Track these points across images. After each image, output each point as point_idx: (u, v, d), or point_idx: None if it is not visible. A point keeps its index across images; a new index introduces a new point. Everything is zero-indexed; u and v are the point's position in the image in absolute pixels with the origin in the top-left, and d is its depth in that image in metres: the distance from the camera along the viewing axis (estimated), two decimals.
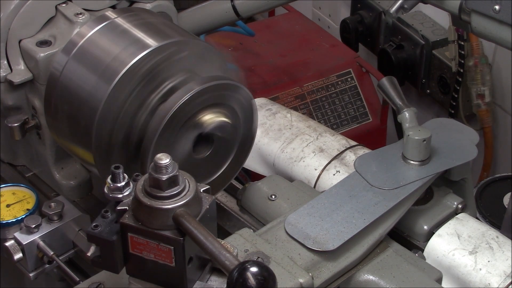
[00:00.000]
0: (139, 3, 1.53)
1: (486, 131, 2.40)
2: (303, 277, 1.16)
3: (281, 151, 1.54)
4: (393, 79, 1.48)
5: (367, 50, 2.73)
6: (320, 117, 2.32)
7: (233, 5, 1.73)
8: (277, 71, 2.35)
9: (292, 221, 1.26)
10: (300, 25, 2.58)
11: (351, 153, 1.50)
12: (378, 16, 2.60)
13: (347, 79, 2.37)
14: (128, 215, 1.03)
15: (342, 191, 1.32)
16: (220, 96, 1.30)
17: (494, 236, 1.33)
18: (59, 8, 1.46)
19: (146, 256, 1.03)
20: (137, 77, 1.27)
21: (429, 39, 2.43)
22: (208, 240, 0.98)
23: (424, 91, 2.54)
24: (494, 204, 2.01)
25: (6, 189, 1.42)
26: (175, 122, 1.25)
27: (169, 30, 1.35)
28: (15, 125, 1.48)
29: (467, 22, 1.37)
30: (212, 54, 1.36)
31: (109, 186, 1.05)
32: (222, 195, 1.56)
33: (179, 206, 1.00)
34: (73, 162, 1.54)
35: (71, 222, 1.33)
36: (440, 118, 1.51)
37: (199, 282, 1.07)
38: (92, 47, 1.31)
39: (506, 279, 1.27)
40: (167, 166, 1.00)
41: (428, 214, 1.36)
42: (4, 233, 1.35)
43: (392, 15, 1.45)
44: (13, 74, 1.45)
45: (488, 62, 2.35)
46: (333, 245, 1.21)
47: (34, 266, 1.33)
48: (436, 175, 1.35)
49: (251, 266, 0.93)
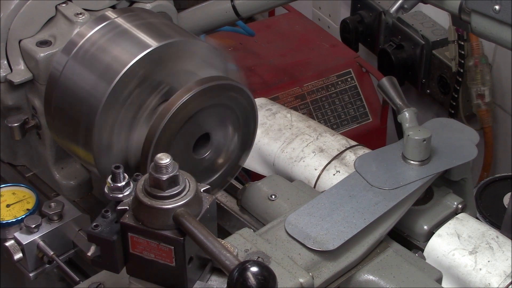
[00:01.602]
0: (139, 3, 1.53)
1: (486, 131, 2.40)
2: (304, 277, 1.16)
3: (281, 151, 1.54)
4: (393, 79, 1.48)
5: (367, 50, 2.73)
6: (320, 117, 2.32)
7: (233, 5, 1.72)
8: (277, 71, 2.35)
9: (292, 221, 1.26)
10: (300, 25, 2.58)
11: (351, 153, 1.50)
12: (378, 16, 2.59)
13: (347, 79, 2.37)
14: (129, 215, 1.03)
15: (342, 191, 1.32)
16: (220, 96, 1.30)
17: (494, 236, 1.32)
18: (59, 8, 1.46)
19: (147, 256, 1.03)
20: (137, 77, 1.27)
21: (429, 39, 2.43)
22: (209, 240, 0.98)
23: (424, 91, 2.54)
24: (494, 204, 2.01)
25: (6, 189, 1.42)
26: (175, 122, 1.25)
27: (169, 30, 1.35)
28: (15, 125, 1.48)
29: (467, 22, 1.37)
30: (212, 54, 1.36)
31: (109, 186, 1.05)
32: (222, 195, 1.55)
33: (179, 206, 1.00)
34: (73, 162, 1.54)
35: (71, 222, 1.33)
36: (440, 118, 1.51)
37: (199, 282, 1.07)
38: (92, 47, 1.31)
39: (506, 279, 1.27)
40: (168, 166, 1.00)
41: (428, 214, 1.36)
42: (4, 233, 1.35)
43: (392, 15, 1.45)
44: (13, 74, 1.45)
45: (488, 62, 2.35)
46: (333, 245, 1.21)
47: (34, 266, 1.32)
48: (436, 175, 1.35)
49: (252, 266, 0.93)
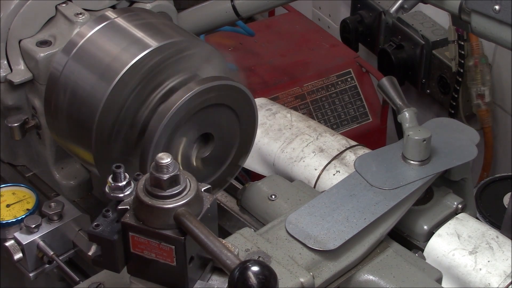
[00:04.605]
0: (139, 3, 1.53)
1: (486, 131, 2.40)
2: (304, 276, 1.16)
3: (281, 151, 1.53)
4: (393, 79, 1.48)
5: (367, 50, 2.73)
6: (320, 117, 2.32)
7: (233, 5, 1.72)
8: (277, 71, 2.35)
9: (293, 221, 1.25)
10: (300, 25, 2.58)
11: (351, 153, 1.50)
12: (378, 16, 2.59)
13: (347, 79, 2.37)
14: (129, 214, 1.03)
15: (343, 190, 1.32)
16: (220, 96, 1.30)
17: (494, 236, 1.32)
18: (59, 8, 1.46)
19: (147, 255, 1.03)
20: (137, 77, 1.27)
21: (429, 39, 2.43)
22: (209, 239, 0.98)
23: (424, 91, 2.54)
24: (494, 204, 2.01)
25: (6, 189, 1.42)
26: (175, 122, 1.25)
27: (169, 30, 1.35)
28: (15, 125, 1.48)
29: (467, 22, 1.37)
30: (212, 54, 1.36)
31: (110, 185, 1.05)
32: (222, 195, 1.55)
33: (180, 206, 1.00)
34: (73, 162, 1.54)
35: (71, 222, 1.32)
36: (441, 118, 1.51)
37: (200, 282, 1.07)
38: (92, 47, 1.31)
39: (506, 279, 1.27)
40: (168, 166, 1.00)
41: (428, 214, 1.36)
42: (4, 233, 1.34)
43: (392, 15, 1.45)
44: (13, 74, 1.45)
45: (488, 62, 2.35)
46: (334, 245, 1.21)
47: (34, 266, 1.32)
48: (436, 175, 1.35)
49: (253, 265, 0.93)
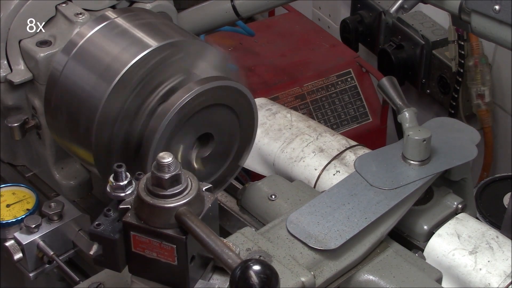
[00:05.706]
0: (139, 3, 1.53)
1: (486, 131, 2.40)
2: (305, 275, 1.16)
3: (281, 151, 1.53)
4: (393, 79, 1.48)
5: (367, 50, 2.73)
6: (320, 117, 2.32)
7: (233, 5, 1.72)
8: (277, 71, 2.35)
9: (294, 220, 1.25)
10: (300, 25, 2.58)
11: (351, 153, 1.50)
12: (378, 16, 2.59)
13: (347, 79, 2.37)
14: (131, 213, 1.03)
15: (344, 190, 1.32)
16: (220, 97, 1.30)
17: (494, 236, 1.32)
18: (59, 8, 1.46)
19: (149, 254, 1.03)
20: (137, 77, 1.27)
21: (429, 39, 2.43)
22: (211, 238, 0.98)
23: (424, 91, 2.54)
24: (494, 204, 2.01)
25: (6, 189, 1.42)
26: (175, 122, 1.25)
27: (169, 30, 1.35)
28: (15, 125, 1.48)
29: (467, 22, 1.37)
30: (212, 55, 1.36)
31: (111, 184, 1.05)
32: (222, 195, 1.55)
33: (181, 205, 1.00)
34: (73, 162, 1.53)
35: (71, 222, 1.32)
36: (441, 118, 1.51)
37: (201, 281, 1.07)
38: (92, 47, 1.31)
39: (506, 279, 1.27)
40: (170, 165, 1.00)
41: (428, 214, 1.36)
42: (4, 233, 1.34)
43: (392, 15, 1.45)
44: (13, 74, 1.44)
45: (488, 62, 2.35)
46: (335, 244, 1.21)
47: (34, 266, 1.32)
48: (436, 175, 1.35)
49: (254, 264, 0.93)
